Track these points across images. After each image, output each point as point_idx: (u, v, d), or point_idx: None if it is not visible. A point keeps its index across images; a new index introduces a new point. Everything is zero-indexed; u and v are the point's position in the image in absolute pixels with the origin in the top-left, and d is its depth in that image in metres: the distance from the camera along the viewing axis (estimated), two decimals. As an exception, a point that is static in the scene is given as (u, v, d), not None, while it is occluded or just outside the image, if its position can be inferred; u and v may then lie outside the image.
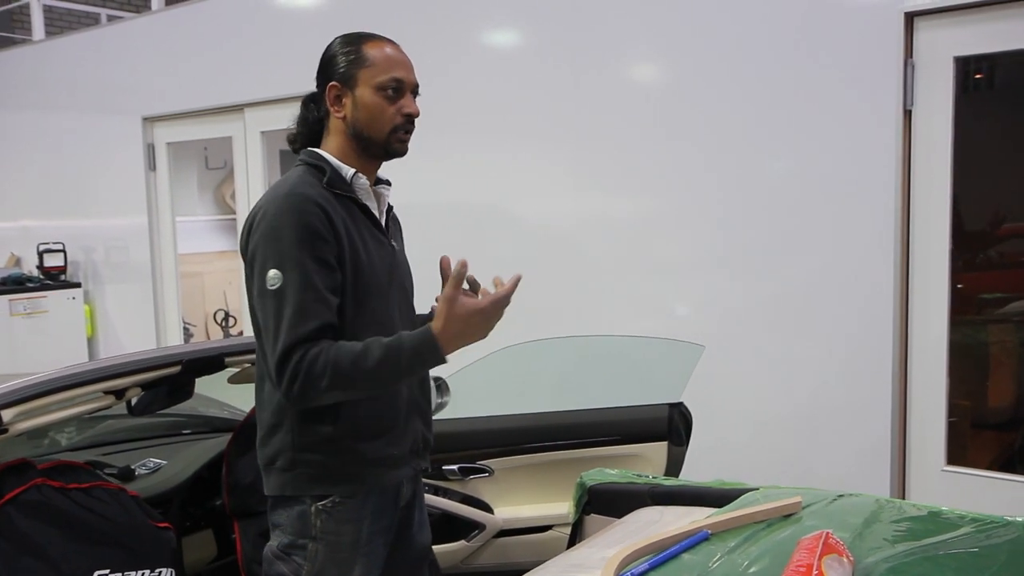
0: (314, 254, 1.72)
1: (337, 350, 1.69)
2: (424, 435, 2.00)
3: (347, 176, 1.86)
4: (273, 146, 5.27)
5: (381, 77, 1.84)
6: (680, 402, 2.87)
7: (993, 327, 3.62)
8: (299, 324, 1.69)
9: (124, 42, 5.96)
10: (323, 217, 1.75)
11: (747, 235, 3.45)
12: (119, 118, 5.91)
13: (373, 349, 1.69)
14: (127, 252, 6.09)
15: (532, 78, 3.99)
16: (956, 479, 3.13)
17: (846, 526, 1.43)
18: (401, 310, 1.94)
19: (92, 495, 1.98)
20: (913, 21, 3.08)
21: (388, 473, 1.88)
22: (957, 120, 3.03)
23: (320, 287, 1.72)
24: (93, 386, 1.95)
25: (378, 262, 1.87)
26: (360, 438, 1.83)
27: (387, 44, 1.90)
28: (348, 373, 1.68)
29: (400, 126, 1.86)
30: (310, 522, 1.83)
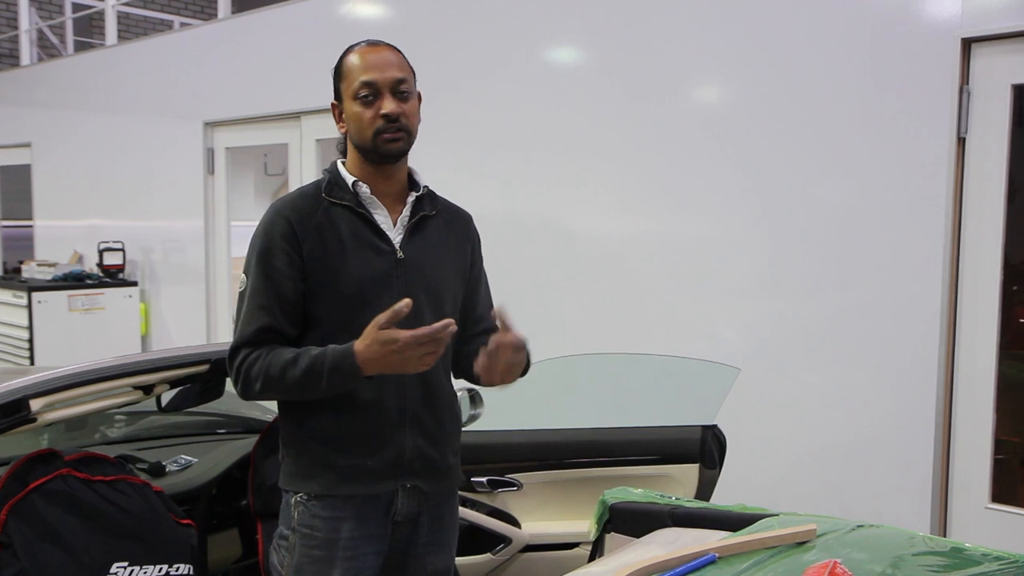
0: (269, 262, 1.83)
1: (273, 356, 1.79)
2: (424, 452, 1.92)
3: (348, 184, 1.90)
4: (328, 155, 5.34)
5: (353, 85, 1.86)
6: (714, 424, 2.83)
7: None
8: (243, 327, 1.84)
9: (190, 48, 6.12)
10: (287, 230, 1.84)
11: (796, 261, 3.39)
12: (182, 122, 6.06)
13: (302, 359, 1.78)
14: (183, 253, 6.23)
15: (587, 96, 3.99)
16: (1000, 517, 3.03)
17: (860, 557, 1.39)
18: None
19: (116, 488, 2.01)
20: (970, 47, 3.01)
21: (358, 483, 1.87)
22: (1012, 149, 2.95)
23: (266, 294, 1.83)
24: (121, 380, 2.00)
25: (367, 272, 1.86)
26: (326, 443, 1.87)
27: (363, 49, 1.90)
28: (277, 379, 1.78)
29: (380, 128, 1.85)
30: (290, 513, 1.91)
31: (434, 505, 1.99)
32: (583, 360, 3.05)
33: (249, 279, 1.86)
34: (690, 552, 1.39)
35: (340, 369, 1.75)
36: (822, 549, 1.46)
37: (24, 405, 1.81)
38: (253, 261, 1.86)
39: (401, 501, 1.92)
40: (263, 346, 1.82)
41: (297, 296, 1.84)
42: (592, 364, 3.06)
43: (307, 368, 1.76)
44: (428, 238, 1.96)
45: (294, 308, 1.85)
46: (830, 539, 1.51)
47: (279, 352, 1.80)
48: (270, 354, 1.80)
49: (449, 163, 4.31)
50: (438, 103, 1.97)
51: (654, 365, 3.03)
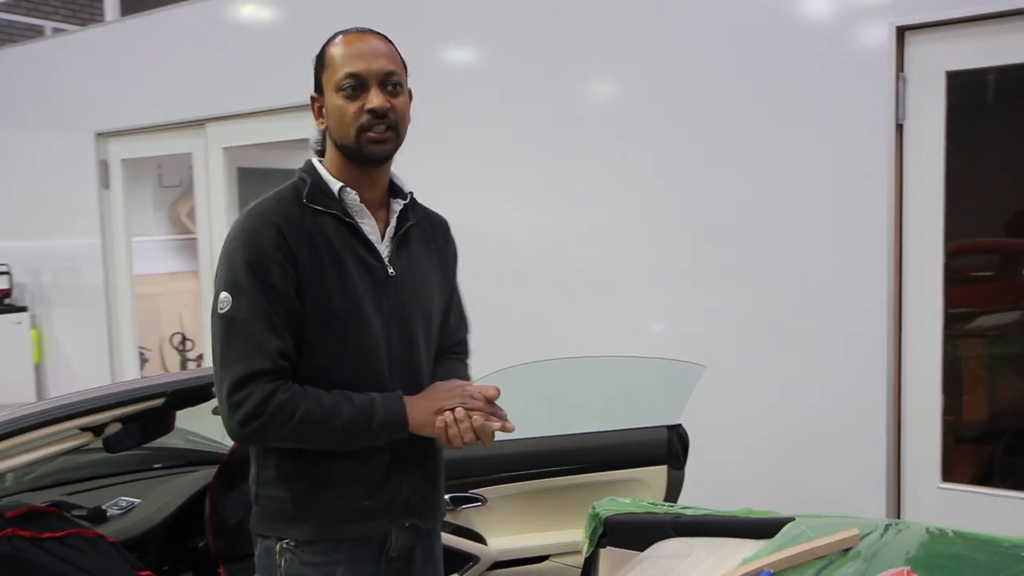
0: (264, 280, 1.60)
1: (308, 401, 1.60)
2: (420, 489, 1.80)
3: (334, 190, 1.70)
4: (233, 163, 5.09)
5: (337, 76, 1.67)
6: (679, 424, 2.78)
7: (964, 342, 3.61)
8: (254, 354, 1.58)
9: (76, 54, 5.73)
10: (278, 239, 1.62)
11: (735, 251, 3.37)
12: (70, 133, 5.67)
13: (347, 408, 1.62)
14: (78, 274, 5.83)
15: (499, 92, 3.89)
16: (952, 496, 3.08)
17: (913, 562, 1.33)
18: (393, 347, 1.72)
19: (68, 544, 1.80)
20: (904, 36, 3.04)
21: (354, 524, 1.72)
22: (949, 135, 3.00)
23: (272, 315, 1.60)
24: (69, 423, 1.78)
25: (359, 290, 1.68)
26: (320, 482, 1.69)
27: (349, 37, 1.72)
28: (315, 428, 1.60)
29: (366, 125, 1.66)
30: (275, 562, 1.71)
31: (426, 538, 1.87)
32: (541, 367, 2.95)
33: (241, 299, 1.60)
34: (745, 571, 1.30)
35: (390, 422, 1.65)
36: (867, 554, 1.41)
37: (-39, 459, 1.59)
38: (241, 276, 1.60)
39: (396, 538, 1.78)
40: (283, 376, 1.60)
41: (295, 316, 1.63)
42: (550, 370, 2.97)
43: (354, 418, 1.62)
44: (413, 251, 1.80)
45: (293, 330, 1.63)
46: (870, 542, 1.46)
47: (312, 395, 1.60)
48: (308, 394, 1.60)
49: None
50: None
51: (615, 367, 2.96)
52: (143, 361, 5.94)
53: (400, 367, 1.73)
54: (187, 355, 6.81)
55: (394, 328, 1.73)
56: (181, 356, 6.84)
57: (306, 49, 1.81)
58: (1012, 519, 2.96)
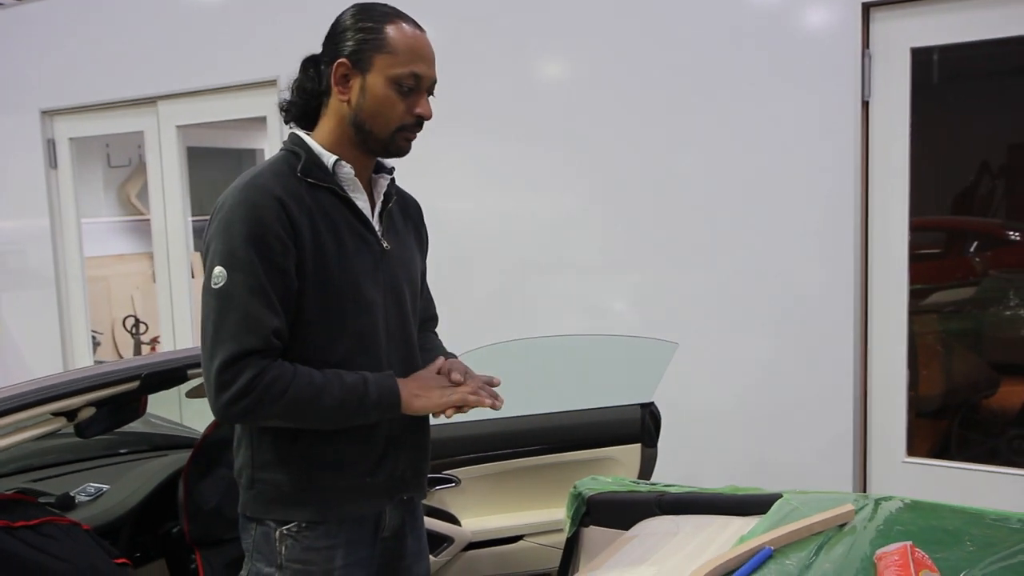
0: (264, 254, 1.55)
1: (299, 379, 1.56)
2: (414, 463, 1.81)
3: (328, 164, 1.66)
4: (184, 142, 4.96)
5: (399, 69, 1.63)
6: (651, 402, 2.79)
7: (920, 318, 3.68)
8: (248, 331, 1.53)
9: (19, 28, 5.52)
10: (280, 213, 1.56)
11: (700, 230, 3.38)
12: (14, 111, 5.47)
13: (337, 387, 1.59)
14: (25, 256, 5.65)
15: (447, 72, 3.80)
16: (917, 470, 3.14)
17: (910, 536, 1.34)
18: (390, 320, 1.73)
19: (41, 532, 1.74)
20: (870, 12, 3.06)
21: (357, 503, 1.71)
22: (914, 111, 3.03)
23: (270, 291, 1.55)
24: (41, 407, 1.71)
25: (357, 265, 1.66)
26: (321, 464, 1.67)
27: (413, 30, 1.68)
28: (305, 407, 1.57)
29: (407, 126, 1.68)
30: (275, 548, 1.67)
31: (413, 512, 1.89)
32: (513, 346, 2.93)
33: (237, 272, 1.54)
34: (746, 549, 1.30)
35: (382, 402, 1.63)
36: (863, 529, 1.41)
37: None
38: (240, 250, 1.54)
39: (389, 516, 1.79)
40: (274, 354, 1.56)
41: (292, 294, 1.59)
42: (523, 349, 2.95)
43: (344, 398, 1.59)
44: (398, 226, 1.82)
45: (290, 308, 1.60)
46: (865, 516, 1.47)
47: (303, 373, 1.57)
48: (291, 376, 1.55)
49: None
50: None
51: (587, 345, 2.95)
52: (95, 345, 5.79)
53: (397, 340, 1.74)
54: (140, 338, 6.66)
55: (391, 302, 1.73)
56: (134, 339, 6.69)
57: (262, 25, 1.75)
58: (971, 491, 3.03)
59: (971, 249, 4.03)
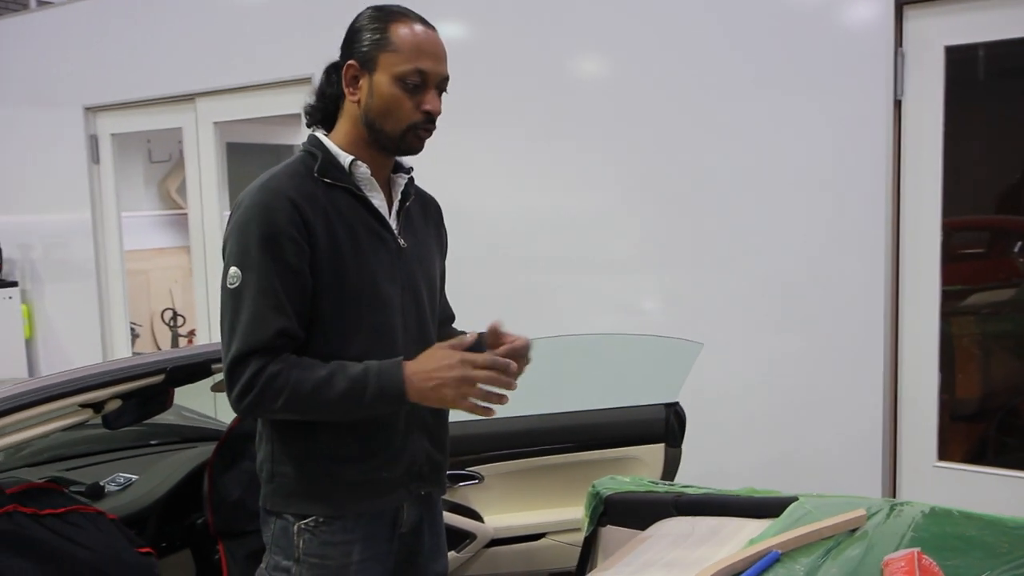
0: (277, 255, 1.59)
1: (300, 372, 1.58)
2: (431, 457, 1.81)
3: (344, 164, 1.69)
4: (223, 138, 5.04)
5: (403, 66, 1.64)
6: (676, 402, 2.78)
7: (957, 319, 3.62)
8: (255, 331, 1.58)
9: (64, 27, 5.65)
10: (293, 214, 1.60)
11: (731, 229, 3.36)
12: (59, 108, 5.60)
13: (339, 379, 1.58)
14: (68, 249, 5.78)
15: (483, 71, 3.85)
16: (949, 475, 3.09)
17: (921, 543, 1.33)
18: (408, 317, 1.74)
19: (68, 521, 1.79)
20: (903, 10, 3.01)
21: (375, 498, 1.72)
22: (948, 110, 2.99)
23: (279, 292, 1.59)
24: (69, 399, 1.76)
25: (374, 263, 1.68)
26: (339, 458, 1.69)
27: (418, 26, 1.70)
28: (307, 400, 1.58)
29: (418, 124, 1.68)
30: (293, 542, 1.70)
31: (431, 508, 1.89)
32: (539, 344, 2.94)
33: (250, 273, 1.58)
34: (753, 552, 1.30)
35: (385, 393, 1.58)
36: (874, 534, 1.40)
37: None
38: (253, 251, 1.58)
39: (408, 511, 1.79)
40: (280, 353, 1.59)
41: (306, 293, 1.62)
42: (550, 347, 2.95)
43: (347, 390, 1.57)
44: (416, 225, 1.83)
45: (305, 308, 1.63)
46: (877, 522, 1.45)
47: (306, 366, 1.59)
48: (294, 370, 1.58)
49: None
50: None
51: (613, 345, 2.95)
52: (134, 337, 5.91)
53: (414, 336, 1.75)
54: (178, 331, 6.78)
55: (408, 299, 1.75)
56: (172, 332, 6.81)
57: (298, 23, 1.77)
58: (1006, 497, 2.98)
59: (1015, 249, 3.95)
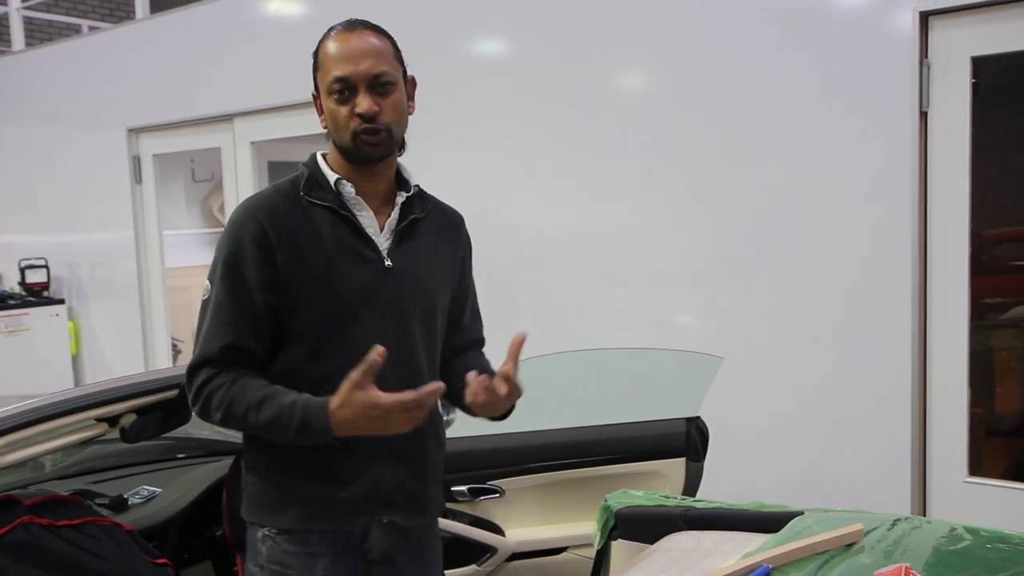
0: (237, 272, 1.64)
1: (238, 391, 1.61)
2: (405, 485, 1.75)
3: (330, 182, 1.70)
4: (264, 157, 5.14)
5: (327, 79, 1.66)
6: (697, 416, 2.76)
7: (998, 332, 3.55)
8: (207, 343, 1.65)
9: (108, 52, 5.82)
10: (259, 233, 1.64)
11: (758, 242, 3.35)
12: (103, 129, 5.76)
13: (268, 406, 1.60)
14: (112, 267, 5.94)
15: (526, 83, 3.89)
16: (979, 491, 3.03)
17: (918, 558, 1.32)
18: (388, 339, 1.65)
19: (84, 532, 1.84)
20: (928, 20, 2.99)
21: (330, 518, 1.70)
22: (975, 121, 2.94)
23: (232, 307, 1.64)
24: (85, 413, 1.82)
25: (351, 283, 1.67)
26: (296, 473, 1.69)
27: (338, 35, 1.69)
28: (238, 419, 1.62)
29: (357, 129, 1.65)
30: (258, 548, 1.74)
31: (414, 542, 1.82)
32: (561, 358, 2.95)
33: (214, 288, 1.66)
34: (744, 566, 1.29)
35: (309, 428, 1.57)
36: (871, 549, 1.39)
37: (-21, 449, 1.63)
38: (219, 268, 1.66)
39: (375, 538, 1.74)
40: (229, 367, 1.63)
41: (267, 311, 1.65)
42: (571, 361, 2.97)
43: (273, 419, 1.58)
44: (418, 244, 1.78)
45: (262, 324, 1.66)
46: (877, 537, 1.44)
47: (245, 387, 1.61)
48: (235, 385, 1.61)
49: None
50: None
51: (634, 359, 2.95)
52: (176, 352, 6.03)
53: (395, 361, 1.67)
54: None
55: (391, 324, 1.71)
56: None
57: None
58: (1040, 513, 2.91)
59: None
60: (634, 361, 2.93)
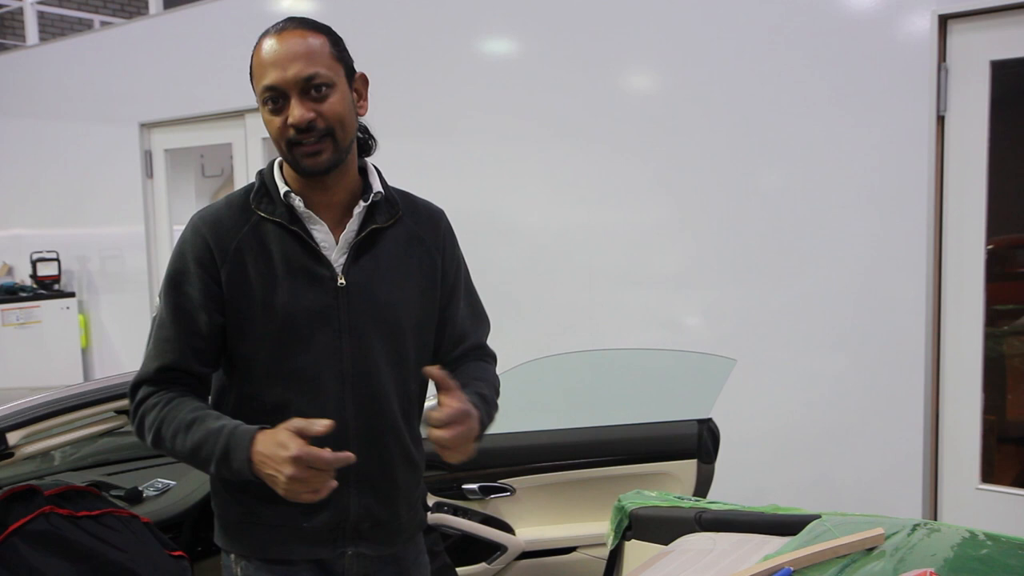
0: (180, 289, 1.55)
1: (169, 411, 1.51)
2: (371, 512, 1.62)
3: (280, 194, 1.56)
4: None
5: (257, 89, 1.53)
6: (709, 418, 2.76)
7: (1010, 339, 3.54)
8: (146, 362, 1.56)
9: (121, 47, 5.83)
10: (203, 251, 1.54)
11: (772, 244, 3.34)
12: (116, 124, 5.78)
13: (196, 429, 1.48)
14: (123, 261, 5.96)
15: (533, 84, 3.89)
16: (992, 498, 3.02)
17: (940, 563, 1.31)
18: (344, 361, 1.57)
19: (103, 523, 1.85)
20: (947, 24, 2.98)
21: (293, 546, 1.60)
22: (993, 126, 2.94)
23: (173, 326, 1.54)
24: (104, 406, 1.82)
25: (299, 305, 1.54)
26: (260, 499, 1.55)
27: (267, 39, 1.55)
28: (167, 442, 1.51)
29: (292, 140, 1.50)
30: (232, 571, 1.64)
31: (393, 563, 1.70)
32: (574, 358, 2.95)
33: (160, 305, 1.57)
34: (765, 568, 1.29)
35: (229, 458, 1.43)
36: (892, 554, 1.39)
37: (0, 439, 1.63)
38: (165, 284, 1.57)
39: (349, 565, 1.64)
40: (168, 387, 1.54)
41: (211, 331, 1.54)
42: (582, 361, 2.97)
43: (198, 444, 1.46)
44: (380, 256, 1.60)
45: (206, 343, 1.55)
46: (896, 542, 1.44)
47: (177, 407, 1.51)
48: (168, 406, 1.51)
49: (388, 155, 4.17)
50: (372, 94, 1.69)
51: (647, 360, 2.95)
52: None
53: (353, 383, 1.58)
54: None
55: (348, 347, 1.58)
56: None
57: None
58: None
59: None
60: (647, 361, 2.93)
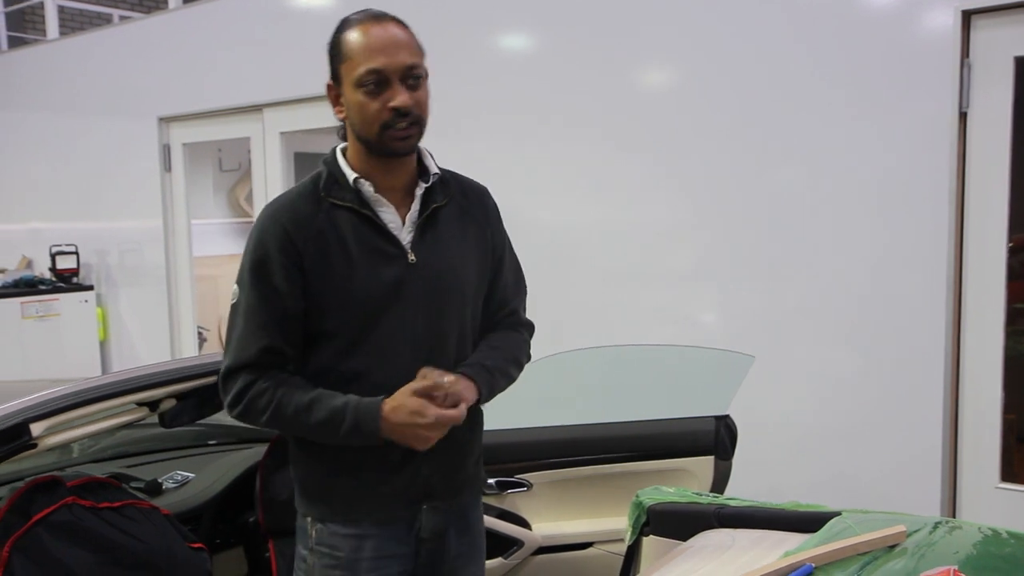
0: (265, 278, 1.65)
1: (284, 394, 1.63)
2: (445, 471, 1.77)
3: (348, 181, 1.68)
4: (290, 147, 5.16)
5: (357, 71, 1.61)
6: (726, 414, 2.76)
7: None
8: (243, 348, 1.66)
9: (140, 41, 5.86)
10: (284, 240, 1.65)
11: (791, 242, 3.32)
12: (134, 118, 5.81)
13: (318, 408, 1.62)
14: (141, 255, 5.99)
15: (548, 80, 3.88)
16: (1012, 497, 3.00)
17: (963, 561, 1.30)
18: (418, 333, 1.70)
19: (124, 514, 1.86)
20: (970, 19, 2.95)
21: (372, 509, 1.73)
22: (1016, 123, 2.91)
23: (264, 312, 1.65)
24: (126, 397, 1.84)
25: (377, 282, 1.67)
26: (334, 467, 1.72)
27: (367, 26, 1.65)
28: (287, 422, 1.65)
29: (389, 122, 1.61)
30: (307, 532, 1.77)
31: (460, 516, 1.85)
32: (591, 353, 2.95)
33: (243, 293, 1.67)
34: (786, 564, 1.29)
35: (360, 430, 1.61)
36: (913, 552, 1.38)
37: (24, 430, 1.65)
38: (247, 274, 1.67)
39: (425, 518, 1.78)
40: (268, 370, 1.65)
41: (297, 313, 1.66)
42: (601, 357, 2.96)
43: (324, 420, 1.62)
44: (442, 233, 1.75)
45: (295, 326, 1.67)
46: (918, 539, 1.43)
47: (292, 389, 1.64)
48: (280, 389, 1.63)
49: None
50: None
51: (664, 356, 2.94)
52: (201, 340, 6.08)
53: (427, 353, 1.71)
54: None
55: (420, 318, 1.71)
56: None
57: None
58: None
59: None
60: (665, 358, 2.92)
